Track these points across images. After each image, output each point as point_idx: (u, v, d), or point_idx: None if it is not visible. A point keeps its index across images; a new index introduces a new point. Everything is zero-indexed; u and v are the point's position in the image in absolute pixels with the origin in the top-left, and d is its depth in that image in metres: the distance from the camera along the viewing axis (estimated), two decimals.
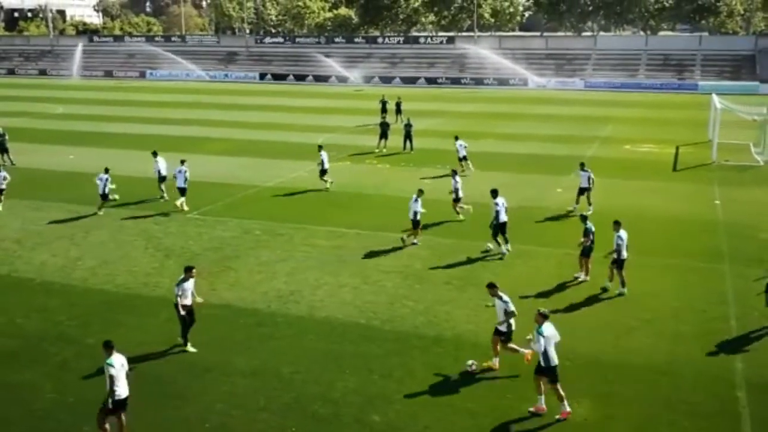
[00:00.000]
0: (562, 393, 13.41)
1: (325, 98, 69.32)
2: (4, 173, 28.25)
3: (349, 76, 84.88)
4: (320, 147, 32.14)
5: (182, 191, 28.01)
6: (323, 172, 31.18)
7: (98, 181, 27.08)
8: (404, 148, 40.09)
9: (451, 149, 36.62)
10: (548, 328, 13.52)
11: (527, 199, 29.54)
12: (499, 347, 15.07)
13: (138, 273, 20.90)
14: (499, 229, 21.92)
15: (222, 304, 18.54)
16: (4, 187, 28.02)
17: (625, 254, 18.95)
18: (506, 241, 21.98)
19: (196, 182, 31.51)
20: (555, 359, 13.48)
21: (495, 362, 15.20)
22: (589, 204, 27.02)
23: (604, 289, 19.26)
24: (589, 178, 27.01)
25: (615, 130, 48.30)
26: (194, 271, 16.03)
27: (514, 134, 46.30)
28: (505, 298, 15.01)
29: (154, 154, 29.85)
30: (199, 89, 78.43)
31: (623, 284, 18.99)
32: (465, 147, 34.80)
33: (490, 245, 22.05)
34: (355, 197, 30.06)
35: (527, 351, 14.73)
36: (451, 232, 24.51)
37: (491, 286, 15.09)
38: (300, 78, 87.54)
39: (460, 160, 34.80)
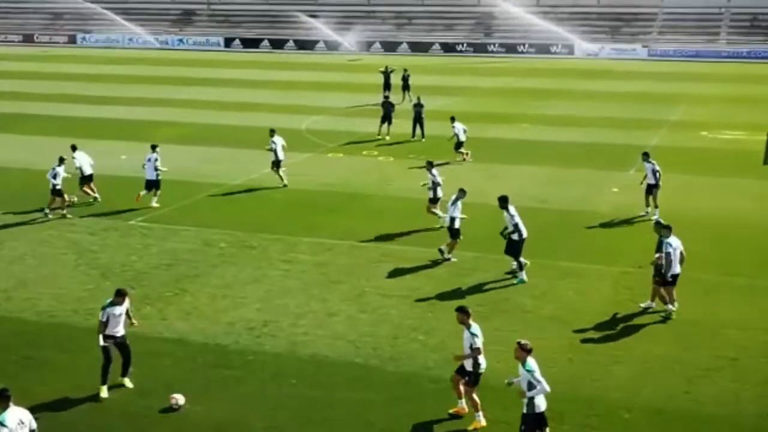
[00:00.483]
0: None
1: (310, 70, 69.54)
2: None
3: (342, 41, 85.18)
4: (272, 132, 32.50)
5: (151, 185, 28.77)
6: (277, 163, 31.53)
7: (51, 175, 27.45)
8: (413, 134, 40.24)
9: (474, 136, 36.81)
10: (533, 363, 13.82)
11: (573, 202, 29.60)
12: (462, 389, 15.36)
13: (66, 297, 20.91)
14: (519, 247, 21.91)
15: (175, 339, 18.54)
16: None
17: (677, 269, 19.27)
18: (520, 267, 21.99)
19: (141, 179, 31.53)
20: (542, 406, 13.78)
21: (461, 406, 15.46)
22: (656, 206, 27.09)
23: (646, 310, 19.62)
24: (654, 172, 27.07)
25: (688, 111, 48.42)
26: (127, 298, 16.29)
27: (556, 117, 46.44)
28: (475, 329, 15.13)
29: (73, 148, 29.90)
30: (145, 59, 78.74)
31: (671, 301, 19.37)
32: (465, 131, 35.74)
33: (523, 274, 22.05)
34: (348, 199, 30.15)
35: (480, 419, 15.01)
36: (473, 243, 24.54)
37: (462, 311, 15.31)
38: (277, 44, 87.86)
39: (458, 146, 35.18)
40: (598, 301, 20.54)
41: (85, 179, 29.44)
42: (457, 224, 23.20)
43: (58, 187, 27.49)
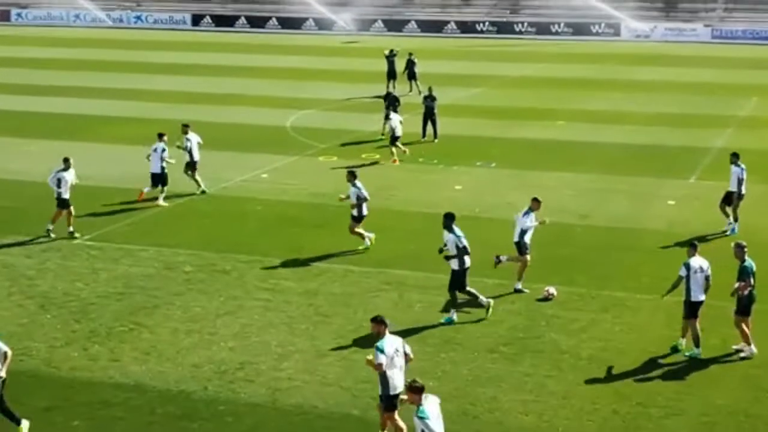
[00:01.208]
0: None
1: (296, 54, 69.75)
2: None
3: (336, 19, 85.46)
4: (186, 127, 32.77)
5: (157, 180, 30.41)
6: (192, 165, 31.91)
7: (54, 182, 27.55)
8: (423, 134, 40.32)
9: (499, 136, 36.79)
10: (432, 406, 13.86)
11: (620, 217, 29.59)
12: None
13: None
14: (459, 279, 21.80)
15: (129, 385, 18.49)
16: None
17: (701, 296, 19.58)
18: (454, 303, 21.91)
19: (88, 188, 31.57)
20: None
21: None
22: (735, 219, 27.13)
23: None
24: (739, 180, 27.21)
25: (761, 105, 48.44)
26: None
27: (599, 113, 46.51)
28: (381, 343, 15.35)
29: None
30: (95, 40, 79.06)
31: (696, 342, 19.54)
32: (402, 122, 36.78)
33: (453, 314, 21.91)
34: (342, 213, 30.09)
35: None
36: (497, 268, 24.50)
37: (377, 322, 15.54)
38: (257, 23, 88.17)
39: (393, 141, 36.08)
40: (648, 339, 20.44)
41: None
42: (527, 238, 23.21)
43: (64, 196, 27.32)
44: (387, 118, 40.01)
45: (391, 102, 40.49)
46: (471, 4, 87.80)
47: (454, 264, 21.38)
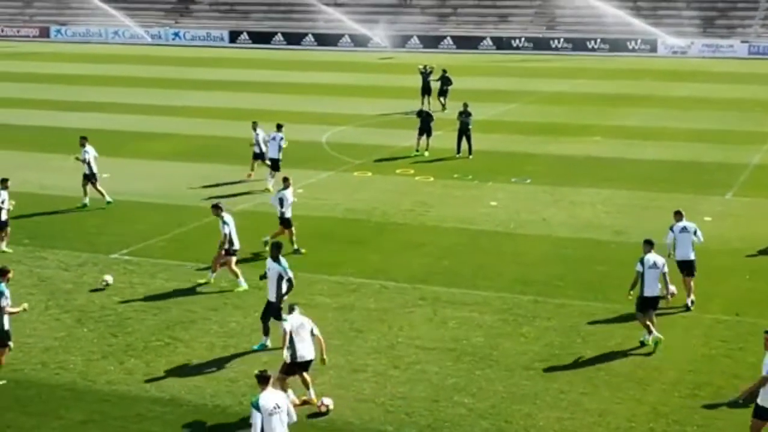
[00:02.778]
0: None
1: (331, 71, 69.98)
2: None
3: (371, 36, 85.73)
4: (84, 140, 33.06)
5: (274, 164, 34.37)
6: (91, 177, 32.28)
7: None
8: (458, 150, 40.31)
9: (534, 152, 36.73)
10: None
11: (656, 233, 29.24)
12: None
13: (32, 347, 21.05)
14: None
15: (165, 399, 18.59)
16: None
17: (655, 291, 20.64)
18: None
19: (124, 203, 31.89)
20: None
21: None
22: None
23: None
24: None
25: None
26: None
27: (635, 129, 46.32)
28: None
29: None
30: (133, 56, 79.74)
31: (649, 330, 20.51)
32: (267, 142, 35.65)
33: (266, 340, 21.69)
34: (377, 229, 30.19)
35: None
36: (532, 284, 24.43)
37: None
38: (293, 39, 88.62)
39: (257, 157, 35.89)
40: (685, 357, 20.32)
41: None
42: (691, 255, 22.99)
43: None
44: (428, 134, 40.11)
45: (425, 119, 40.52)
46: (507, 20, 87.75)
47: (272, 295, 20.53)
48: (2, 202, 27.49)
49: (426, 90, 51.11)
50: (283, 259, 20.48)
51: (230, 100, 56.28)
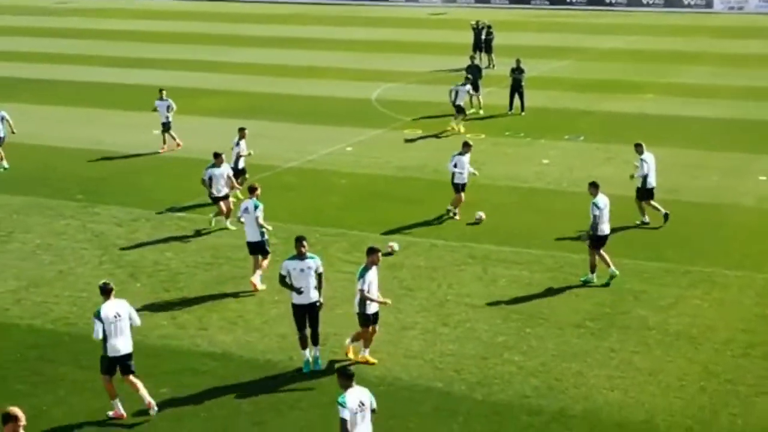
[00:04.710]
0: None
1: (381, 27, 69.72)
2: None
3: None
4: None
5: (461, 110, 35.80)
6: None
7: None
8: (510, 107, 40.14)
9: (587, 109, 36.50)
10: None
11: (710, 192, 29.19)
12: None
13: (87, 301, 21.43)
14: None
15: (217, 353, 18.89)
16: None
17: (607, 230, 22.03)
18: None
19: (177, 159, 32.22)
20: None
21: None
22: None
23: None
24: None
25: None
26: None
27: (689, 87, 45.78)
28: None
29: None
30: (185, 13, 79.95)
31: (592, 269, 21.97)
32: (170, 108, 34.75)
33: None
34: (427, 186, 30.19)
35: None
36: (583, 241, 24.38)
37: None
38: None
39: (166, 128, 34.74)
40: (738, 316, 20.23)
41: None
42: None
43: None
44: (476, 90, 39.92)
45: (473, 73, 40.33)
46: None
47: (313, 294, 18.20)
48: (241, 151, 28.27)
49: (478, 46, 50.92)
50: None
51: (280, 56, 56.32)
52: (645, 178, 26.01)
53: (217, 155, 25.81)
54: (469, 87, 36.89)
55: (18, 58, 56.31)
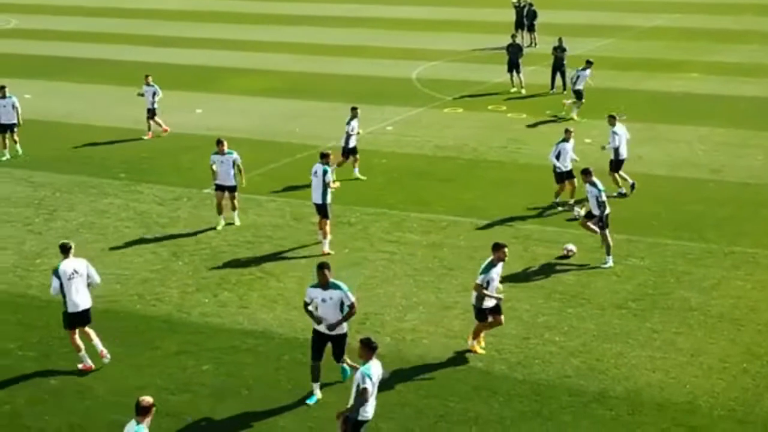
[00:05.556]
0: None
1: (422, 5, 69.48)
2: None
3: None
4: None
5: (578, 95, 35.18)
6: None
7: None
8: (552, 86, 39.94)
9: (630, 88, 36.19)
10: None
11: (754, 173, 28.90)
12: None
13: (129, 279, 21.70)
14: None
15: (257, 331, 19.04)
16: None
17: (606, 209, 21.76)
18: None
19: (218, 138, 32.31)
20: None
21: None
22: None
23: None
24: None
25: None
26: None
27: (734, 66, 45.30)
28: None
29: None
30: None
31: (608, 250, 21.83)
32: (156, 94, 34.09)
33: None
34: (469, 166, 30.17)
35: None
36: (627, 223, 24.24)
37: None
38: None
39: (151, 115, 33.99)
40: None
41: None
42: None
43: None
44: (516, 70, 39.76)
45: (514, 52, 40.15)
46: None
47: (333, 318, 16.09)
48: (351, 130, 28.35)
49: (520, 24, 50.68)
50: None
51: (321, 35, 56.34)
52: (617, 150, 26.41)
53: (219, 141, 24.98)
54: (589, 71, 35.89)
55: (65, 38, 56.78)
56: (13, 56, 50.87)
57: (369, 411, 13.84)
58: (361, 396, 13.57)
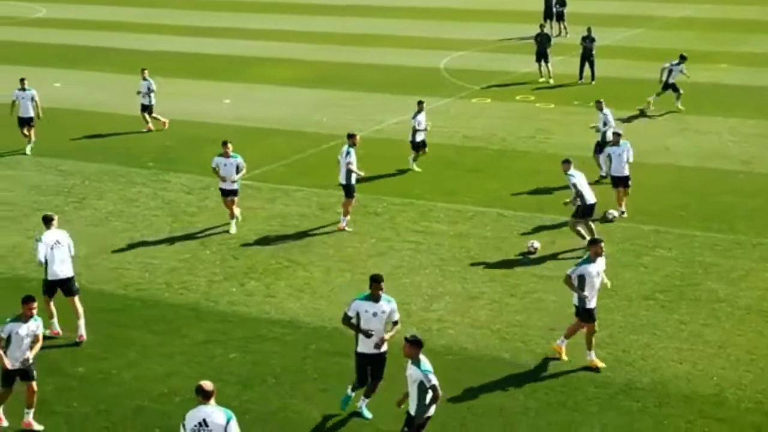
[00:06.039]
0: None
1: None
2: None
3: None
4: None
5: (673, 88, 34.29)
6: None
7: None
8: (580, 76, 39.75)
9: (658, 78, 35.90)
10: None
11: None
12: None
13: (157, 268, 21.83)
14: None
15: (284, 320, 19.10)
16: None
17: (591, 198, 21.85)
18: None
19: (246, 129, 32.46)
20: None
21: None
22: None
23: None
24: None
25: None
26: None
27: (763, 56, 44.94)
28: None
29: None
30: None
31: (592, 233, 21.56)
32: (151, 90, 33.40)
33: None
34: (496, 156, 30.12)
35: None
36: (654, 215, 24.14)
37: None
38: None
39: (145, 110, 33.41)
40: None
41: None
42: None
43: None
44: (545, 59, 39.61)
45: (542, 42, 40.01)
46: None
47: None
48: (417, 124, 28.08)
49: (548, 14, 50.49)
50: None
51: (349, 25, 56.32)
52: (604, 132, 26.92)
53: (225, 143, 24.09)
54: (683, 66, 34.93)
55: (94, 27, 57.04)
56: (44, 45, 51.18)
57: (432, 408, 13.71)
58: (435, 393, 13.37)
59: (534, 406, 15.93)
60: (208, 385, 12.44)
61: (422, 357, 13.60)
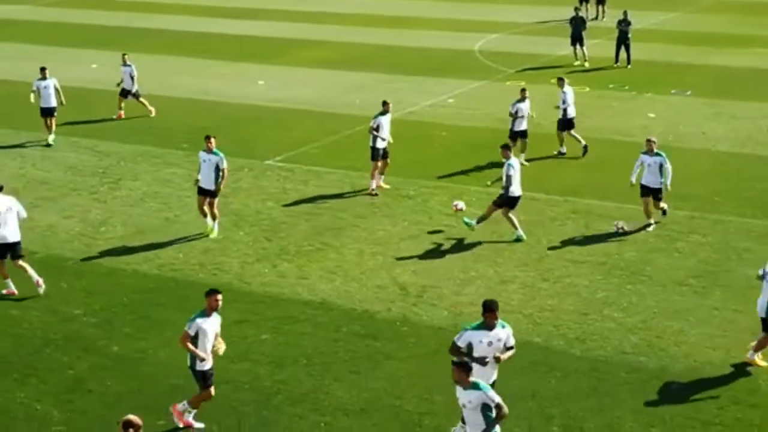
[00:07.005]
0: None
1: None
2: None
3: None
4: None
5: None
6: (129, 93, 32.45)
7: None
8: (616, 59, 39.55)
9: (695, 63, 35.66)
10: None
11: None
12: None
13: (191, 248, 21.95)
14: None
15: (316, 302, 19.16)
16: None
17: (517, 191, 21.76)
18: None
19: (280, 110, 32.53)
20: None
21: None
22: None
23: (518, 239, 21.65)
24: None
25: None
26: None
27: None
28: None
29: None
30: None
31: (480, 220, 21.94)
32: (133, 77, 32.81)
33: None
34: (530, 138, 29.94)
35: None
36: (689, 200, 23.98)
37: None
38: None
39: (125, 94, 32.80)
40: None
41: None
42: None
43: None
44: (580, 43, 39.39)
45: (577, 25, 39.77)
46: None
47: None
48: (515, 112, 27.38)
49: None
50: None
51: (383, 6, 56.26)
52: (565, 110, 27.61)
53: (207, 137, 22.64)
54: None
55: (131, 8, 57.32)
56: (81, 26, 51.55)
57: None
58: (500, 411, 12.09)
59: (566, 390, 15.91)
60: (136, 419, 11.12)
61: (473, 378, 12.39)
